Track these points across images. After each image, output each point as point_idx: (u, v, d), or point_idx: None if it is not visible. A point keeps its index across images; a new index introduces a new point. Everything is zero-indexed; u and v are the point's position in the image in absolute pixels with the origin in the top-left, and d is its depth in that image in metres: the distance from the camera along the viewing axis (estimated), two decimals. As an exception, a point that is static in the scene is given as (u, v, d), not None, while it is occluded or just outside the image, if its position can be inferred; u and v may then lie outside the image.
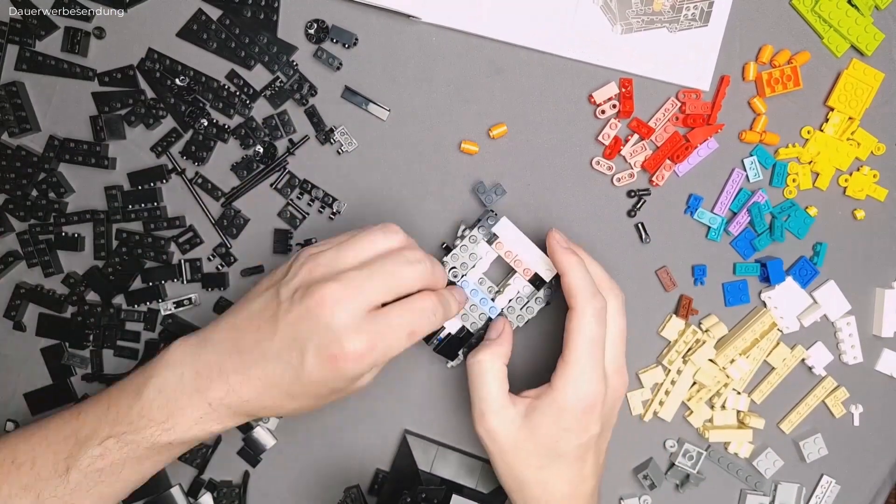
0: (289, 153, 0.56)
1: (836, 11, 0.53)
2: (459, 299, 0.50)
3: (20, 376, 0.59)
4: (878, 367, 0.59)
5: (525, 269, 0.53)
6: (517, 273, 0.54)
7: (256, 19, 0.54)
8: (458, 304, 0.50)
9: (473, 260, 0.53)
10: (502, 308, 0.54)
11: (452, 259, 0.53)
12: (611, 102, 0.55)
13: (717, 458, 0.60)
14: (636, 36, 0.54)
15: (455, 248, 0.53)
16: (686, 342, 0.58)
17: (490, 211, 0.54)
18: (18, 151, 0.56)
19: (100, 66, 0.55)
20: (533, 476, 0.48)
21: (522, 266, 0.53)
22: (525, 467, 0.48)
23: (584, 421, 0.47)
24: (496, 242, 0.53)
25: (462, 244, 0.53)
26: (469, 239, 0.53)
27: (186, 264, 0.58)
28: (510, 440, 0.47)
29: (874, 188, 0.57)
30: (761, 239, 0.56)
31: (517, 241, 0.53)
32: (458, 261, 0.53)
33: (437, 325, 0.47)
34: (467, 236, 0.53)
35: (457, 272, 0.53)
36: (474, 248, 0.53)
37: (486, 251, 0.53)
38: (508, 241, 0.53)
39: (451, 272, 0.53)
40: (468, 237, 0.53)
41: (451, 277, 0.53)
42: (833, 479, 0.60)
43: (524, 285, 0.54)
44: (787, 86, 0.54)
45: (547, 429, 0.47)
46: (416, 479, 0.58)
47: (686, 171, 0.56)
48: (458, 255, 0.53)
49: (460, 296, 0.51)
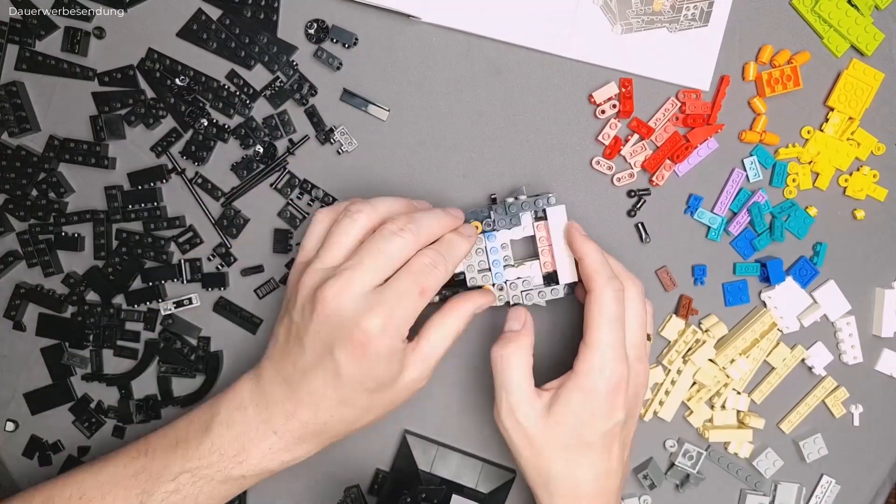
0: (289, 153, 0.56)
1: (835, 11, 0.53)
2: (469, 235, 0.49)
3: (20, 376, 0.59)
4: (878, 367, 0.59)
5: (547, 261, 0.53)
6: (537, 261, 0.53)
7: (256, 19, 0.54)
8: (468, 241, 0.49)
9: (514, 223, 0.52)
10: (503, 287, 0.53)
11: (494, 211, 0.52)
12: (611, 102, 0.55)
13: (717, 458, 0.60)
14: (636, 36, 0.54)
15: (501, 203, 0.53)
16: (686, 342, 0.58)
17: (552, 193, 0.52)
18: (18, 151, 0.56)
19: (100, 66, 0.55)
20: (560, 469, 0.47)
21: (547, 258, 0.53)
22: (552, 461, 0.48)
23: (610, 404, 0.47)
24: (541, 223, 0.53)
25: (512, 202, 0.52)
26: (522, 203, 0.52)
27: (186, 264, 0.58)
28: (538, 432, 0.48)
29: (874, 188, 0.57)
30: (761, 239, 0.56)
31: (559, 234, 0.52)
32: (499, 214, 0.52)
33: (446, 273, 0.47)
34: (521, 200, 0.52)
35: (490, 223, 0.52)
36: (521, 213, 0.52)
37: (527, 222, 0.53)
38: (553, 229, 0.52)
39: (486, 221, 0.52)
40: (522, 201, 0.52)
41: (484, 227, 0.52)
42: (833, 479, 0.60)
43: (536, 274, 0.53)
44: (787, 86, 0.54)
45: (573, 416, 0.47)
46: (416, 479, 0.58)
47: (686, 170, 0.56)
48: (501, 209, 0.52)
49: (469, 231, 0.50)
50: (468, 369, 0.59)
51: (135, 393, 0.60)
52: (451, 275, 0.48)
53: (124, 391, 0.59)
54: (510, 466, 0.59)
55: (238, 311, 0.58)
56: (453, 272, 0.49)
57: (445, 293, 0.53)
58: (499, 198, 0.56)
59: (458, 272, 0.53)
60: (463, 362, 0.59)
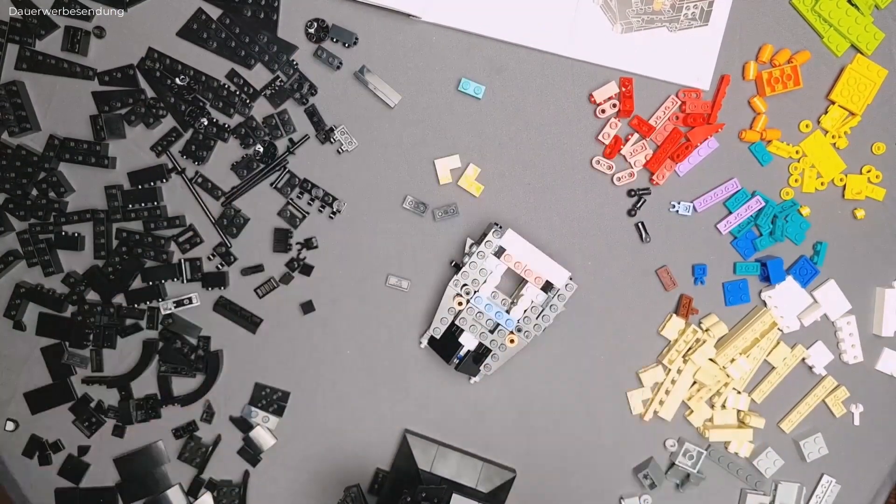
0: (289, 152, 0.56)
1: (836, 11, 0.53)
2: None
3: (20, 376, 0.59)
4: (879, 366, 0.59)
5: (536, 277, 0.54)
6: (529, 283, 0.54)
7: (257, 19, 0.54)
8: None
9: (484, 275, 0.54)
10: (521, 328, 0.54)
11: (463, 277, 0.53)
12: (611, 102, 0.55)
13: (718, 458, 0.59)
14: (636, 35, 0.54)
15: (464, 266, 0.54)
16: (686, 341, 0.58)
17: (495, 224, 0.54)
18: (18, 151, 0.56)
19: (100, 66, 0.55)
20: None
21: (533, 275, 0.54)
22: None
23: None
24: (504, 255, 0.54)
25: (471, 261, 0.53)
26: (477, 255, 0.53)
27: (186, 263, 0.58)
28: None
29: (871, 188, 0.57)
30: (763, 239, 0.56)
31: (525, 252, 0.53)
32: (469, 278, 0.54)
33: None
34: (475, 252, 0.53)
35: (469, 289, 0.54)
36: (483, 263, 0.53)
37: (495, 265, 0.54)
38: (517, 253, 0.53)
39: (464, 289, 0.54)
40: (476, 253, 0.53)
41: (464, 294, 0.54)
42: (833, 478, 0.60)
43: (537, 294, 0.54)
44: (788, 85, 0.54)
45: None
46: (416, 478, 0.58)
47: (687, 170, 0.56)
48: (468, 272, 0.54)
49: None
50: (468, 369, 0.59)
51: (135, 392, 0.60)
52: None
53: (124, 391, 0.59)
54: (510, 466, 0.59)
55: (238, 310, 0.58)
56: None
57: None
58: (456, 260, 0.57)
59: (476, 345, 0.55)
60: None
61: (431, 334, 0.55)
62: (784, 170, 0.56)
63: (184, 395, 0.59)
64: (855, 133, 0.56)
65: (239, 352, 0.59)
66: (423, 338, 0.56)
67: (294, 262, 0.57)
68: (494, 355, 0.55)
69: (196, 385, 0.59)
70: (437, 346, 0.55)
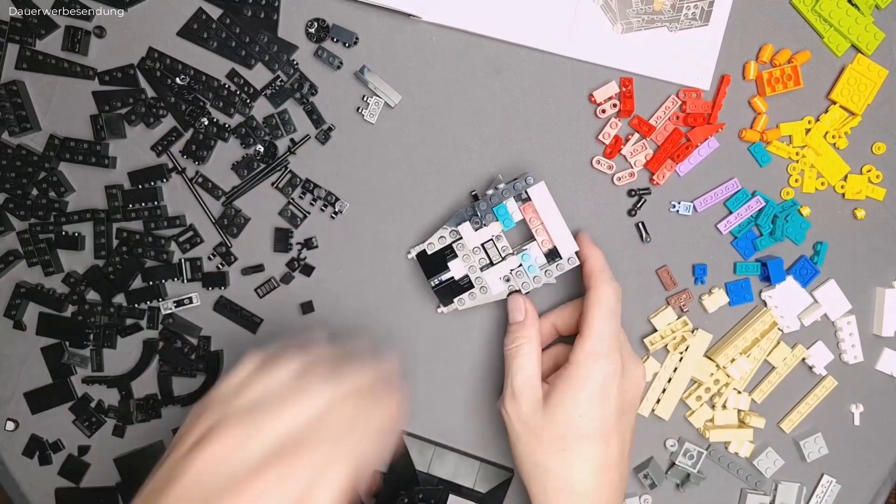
0: (289, 152, 0.56)
1: (836, 10, 0.53)
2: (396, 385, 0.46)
3: (20, 376, 0.59)
4: (879, 366, 0.59)
5: (544, 239, 0.53)
6: (535, 242, 0.53)
7: (257, 18, 0.54)
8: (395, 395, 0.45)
9: (501, 215, 0.52)
10: (510, 278, 0.53)
11: (479, 207, 0.52)
12: (611, 101, 0.55)
13: (718, 458, 0.59)
14: (636, 35, 0.54)
15: (483, 198, 0.53)
16: (673, 329, 0.57)
17: (528, 173, 0.52)
18: (19, 150, 0.56)
19: (100, 66, 0.55)
20: (556, 461, 0.48)
21: (543, 236, 0.53)
22: (548, 452, 0.48)
23: (604, 392, 0.48)
24: (525, 205, 0.53)
25: (493, 193, 0.52)
26: (503, 192, 0.52)
27: (187, 263, 0.58)
28: (536, 421, 0.48)
29: (871, 188, 0.57)
30: (763, 239, 0.56)
31: (547, 210, 0.52)
32: (484, 209, 0.52)
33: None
34: (501, 188, 0.52)
35: (478, 220, 0.53)
36: (505, 200, 0.52)
37: (513, 209, 0.53)
38: (539, 206, 0.52)
39: (473, 220, 0.53)
40: (501, 189, 0.52)
41: (473, 227, 0.53)
42: (833, 478, 0.60)
43: (538, 255, 0.53)
44: (788, 85, 0.54)
45: (568, 405, 0.47)
46: (413, 479, 0.58)
47: (687, 170, 0.56)
48: (483, 202, 0.53)
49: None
50: (465, 368, 0.59)
51: (135, 392, 0.60)
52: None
53: (125, 391, 0.59)
54: (508, 466, 0.59)
55: (238, 310, 0.58)
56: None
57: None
58: (479, 192, 0.56)
59: (462, 276, 0.53)
60: (460, 361, 0.59)
61: (424, 248, 0.54)
62: (784, 170, 0.56)
63: (184, 395, 0.59)
64: (855, 133, 0.56)
65: (239, 352, 0.59)
66: (413, 249, 0.54)
67: (295, 262, 0.57)
68: (473, 293, 0.53)
69: (197, 385, 0.60)
70: (424, 261, 0.54)
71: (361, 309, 0.58)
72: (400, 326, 0.58)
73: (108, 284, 0.58)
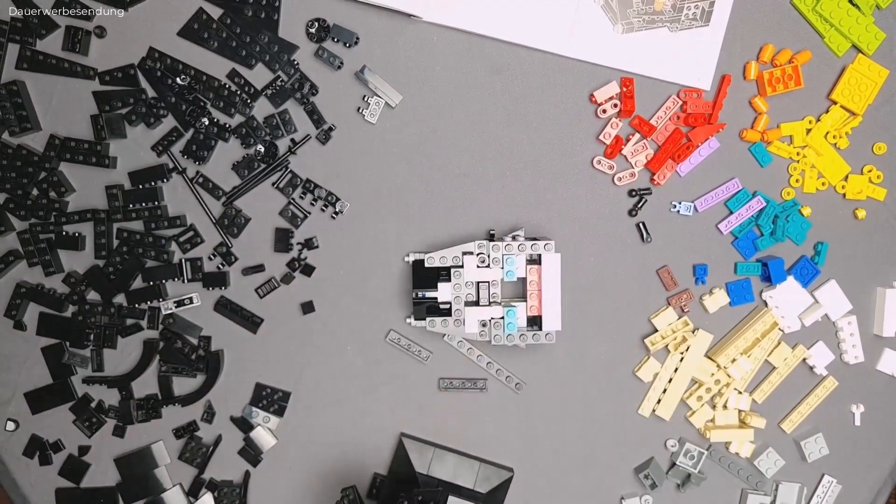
0: (290, 152, 0.56)
1: (837, 11, 0.53)
2: None
3: (20, 376, 0.59)
4: (879, 366, 0.59)
5: (533, 305, 0.54)
6: (524, 303, 0.54)
7: (257, 18, 0.54)
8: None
9: (508, 263, 0.53)
10: (486, 324, 0.54)
11: (493, 248, 0.53)
12: (612, 102, 0.55)
13: (719, 458, 0.59)
14: (637, 35, 0.54)
15: (497, 241, 0.53)
16: (674, 329, 0.57)
17: (551, 240, 0.53)
18: (19, 150, 0.56)
19: (101, 66, 0.55)
20: None
21: (534, 302, 0.54)
22: None
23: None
24: (533, 266, 0.53)
25: (507, 243, 0.53)
26: (519, 246, 0.53)
27: (187, 263, 0.58)
28: None
29: (872, 188, 0.57)
30: (764, 239, 0.56)
31: (551, 280, 0.53)
32: (498, 252, 0.53)
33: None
34: (518, 242, 0.53)
35: (485, 259, 0.53)
36: (517, 254, 0.53)
37: (520, 264, 0.53)
38: (545, 274, 0.53)
39: (480, 257, 0.53)
40: (518, 243, 0.53)
41: (479, 262, 0.53)
42: (834, 478, 0.60)
43: (522, 316, 0.54)
44: (789, 85, 0.54)
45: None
46: (413, 481, 0.58)
47: (688, 170, 0.56)
48: (498, 246, 0.53)
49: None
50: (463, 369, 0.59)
51: (135, 392, 0.60)
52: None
53: (125, 391, 0.59)
54: (508, 465, 0.59)
55: (239, 310, 0.58)
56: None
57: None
58: (497, 234, 0.56)
59: (444, 301, 0.54)
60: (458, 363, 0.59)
61: (424, 259, 0.54)
62: (785, 170, 0.56)
63: (184, 395, 0.59)
64: (856, 133, 0.56)
65: (240, 352, 0.59)
66: (412, 254, 0.55)
67: (295, 261, 0.57)
68: (447, 321, 0.54)
69: (197, 385, 0.59)
70: (417, 271, 0.54)
71: (361, 309, 0.58)
72: (400, 326, 0.58)
73: (108, 284, 0.58)
